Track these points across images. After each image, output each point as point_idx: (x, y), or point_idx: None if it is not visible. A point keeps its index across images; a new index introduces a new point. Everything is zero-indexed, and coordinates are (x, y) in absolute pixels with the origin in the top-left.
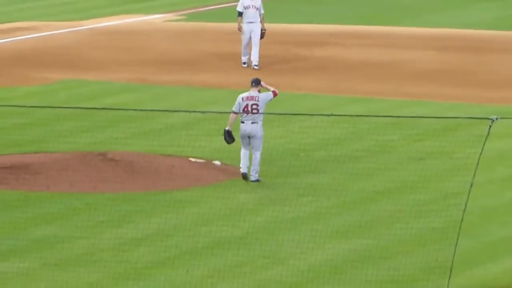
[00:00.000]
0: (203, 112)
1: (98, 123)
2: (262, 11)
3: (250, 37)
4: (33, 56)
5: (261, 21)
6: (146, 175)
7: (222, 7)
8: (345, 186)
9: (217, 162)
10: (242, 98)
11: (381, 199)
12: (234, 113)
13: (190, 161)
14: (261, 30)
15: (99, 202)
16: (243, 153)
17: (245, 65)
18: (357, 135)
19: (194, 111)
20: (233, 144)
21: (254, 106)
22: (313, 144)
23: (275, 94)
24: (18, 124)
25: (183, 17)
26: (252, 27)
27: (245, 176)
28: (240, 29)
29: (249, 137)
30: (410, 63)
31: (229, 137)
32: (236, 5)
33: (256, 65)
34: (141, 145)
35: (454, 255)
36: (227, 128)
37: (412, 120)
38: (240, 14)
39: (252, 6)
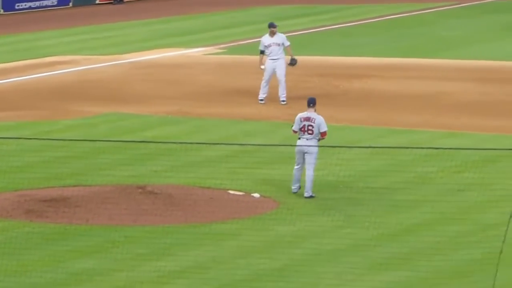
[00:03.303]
0: (242, 145)
1: (138, 156)
2: (288, 43)
3: (275, 74)
4: (73, 89)
5: (289, 53)
6: (185, 208)
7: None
8: (384, 218)
9: (256, 195)
10: (301, 119)
11: (420, 231)
12: (294, 132)
13: (229, 193)
14: (292, 60)
15: (138, 235)
16: (295, 170)
17: (262, 102)
18: (396, 167)
19: (233, 144)
20: (270, 176)
21: (310, 127)
22: (352, 176)
23: (323, 135)
24: (58, 157)
25: (223, 50)
26: (276, 64)
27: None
28: (262, 64)
29: (304, 153)
30: (449, 95)
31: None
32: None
33: (283, 101)
34: (180, 177)
35: (493, 286)
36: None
37: (451, 151)
38: (262, 52)
39: (274, 43)
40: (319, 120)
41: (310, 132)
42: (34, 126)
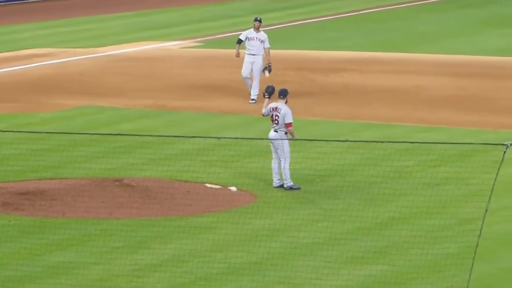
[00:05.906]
0: (219, 138)
1: (114, 149)
2: (268, 45)
3: (251, 70)
4: (50, 82)
5: (266, 55)
6: (162, 201)
7: (239, 33)
8: (360, 212)
9: (233, 188)
10: (270, 109)
11: (396, 225)
12: (263, 115)
13: (206, 187)
14: (268, 65)
15: (115, 228)
16: (272, 164)
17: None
18: (373, 161)
19: (209, 137)
20: (247, 170)
21: (276, 117)
22: (329, 170)
23: (288, 126)
24: (35, 150)
25: (200, 43)
26: (254, 59)
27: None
28: (237, 55)
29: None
30: (426, 89)
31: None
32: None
33: (253, 100)
34: (157, 170)
35: (469, 281)
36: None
37: (428, 146)
38: (240, 41)
39: (257, 38)
40: (285, 111)
41: (275, 122)
42: (10, 118)
